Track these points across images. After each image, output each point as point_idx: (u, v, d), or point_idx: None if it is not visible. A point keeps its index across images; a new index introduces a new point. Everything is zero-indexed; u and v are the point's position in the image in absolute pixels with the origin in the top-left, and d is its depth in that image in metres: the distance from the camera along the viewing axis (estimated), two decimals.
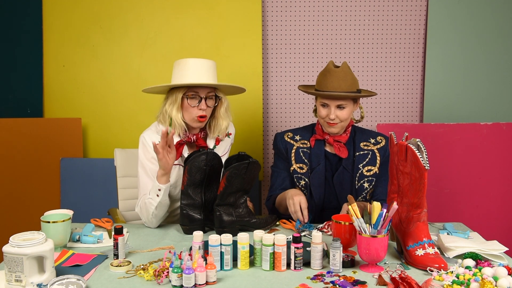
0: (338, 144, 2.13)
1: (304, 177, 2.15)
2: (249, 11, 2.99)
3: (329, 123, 2.07)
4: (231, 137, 2.27)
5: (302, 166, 2.16)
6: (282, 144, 2.22)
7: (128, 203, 2.43)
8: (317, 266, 1.58)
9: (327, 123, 2.08)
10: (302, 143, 2.19)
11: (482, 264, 1.57)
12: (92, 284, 1.47)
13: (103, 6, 3.00)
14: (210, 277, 1.46)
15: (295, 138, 2.21)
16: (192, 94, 2.04)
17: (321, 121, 2.12)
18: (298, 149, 2.18)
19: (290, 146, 2.20)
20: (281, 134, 2.25)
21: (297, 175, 2.16)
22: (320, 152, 2.16)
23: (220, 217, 1.86)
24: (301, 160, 2.17)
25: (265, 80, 3.10)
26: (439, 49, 3.05)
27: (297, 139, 2.21)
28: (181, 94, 2.04)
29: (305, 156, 2.17)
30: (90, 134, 3.05)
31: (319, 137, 2.17)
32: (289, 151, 2.19)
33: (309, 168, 2.15)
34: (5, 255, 1.41)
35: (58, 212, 1.81)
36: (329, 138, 2.14)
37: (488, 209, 2.98)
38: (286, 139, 2.22)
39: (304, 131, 2.24)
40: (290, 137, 2.22)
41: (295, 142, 2.20)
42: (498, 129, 2.97)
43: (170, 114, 2.05)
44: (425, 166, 1.55)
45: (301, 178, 2.16)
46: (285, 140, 2.22)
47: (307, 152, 2.18)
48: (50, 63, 3.02)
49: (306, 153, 2.18)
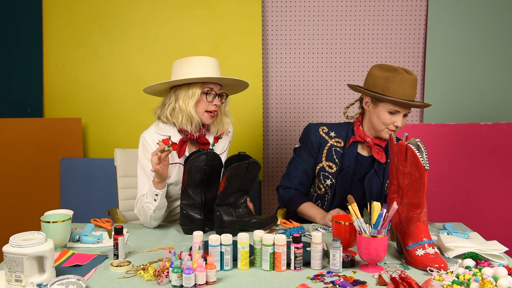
0: (377, 148, 2.08)
1: (331, 177, 2.11)
2: (249, 11, 3.00)
3: (393, 130, 2.01)
4: (230, 135, 2.27)
5: (331, 165, 2.11)
6: (316, 137, 2.14)
7: (128, 203, 2.43)
8: (317, 266, 1.57)
9: (390, 130, 2.01)
10: (336, 141, 2.13)
11: (482, 264, 1.57)
12: (92, 284, 1.47)
13: (103, 6, 3.00)
14: (210, 277, 1.46)
15: (330, 134, 2.14)
16: (208, 90, 2.05)
17: (381, 127, 2.02)
18: (331, 147, 2.12)
19: (324, 142, 2.13)
20: (315, 126, 2.17)
21: (325, 173, 2.12)
22: (352, 153, 2.11)
23: (220, 217, 1.86)
24: (332, 159, 2.12)
25: (265, 80, 3.10)
26: (439, 49, 3.05)
27: (332, 136, 2.14)
28: (199, 89, 2.04)
29: (337, 156, 2.11)
30: (90, 134, 3.05)
31: (359, 139, 2.09)
32: (322, 147, 2.13)
33: (338, 168, 2.11)
34: (5, 255, 1.41)
35: (58, 212, 1.81)
36: (371, 140, 2.08)
37: (488, 209, 2.98)
38: (321, 133, 2.14)
39: (339, 129, 2.16)
40: (325, 132, 2.14)
41: (330, 138, 2.13)
42: (498, 129, 2.97)
43: (187, 110, 2.03)
44: (425, 166, 1.55)
45: (328, 177, 2.12)
46: (320, 134, 2.14)
47: (339, 151, 2.11)
48: (50, 63, 3.02)
49: (339, 153, 2.11)
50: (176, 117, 2.06)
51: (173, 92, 2.09)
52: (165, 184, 1.94)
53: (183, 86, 2.06)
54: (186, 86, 2.05)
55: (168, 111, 2.08)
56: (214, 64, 2.09)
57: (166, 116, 2.08)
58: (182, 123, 2.06)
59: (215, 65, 2.09)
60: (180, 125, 2.06)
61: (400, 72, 1.97)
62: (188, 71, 2.04)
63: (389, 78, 1.97)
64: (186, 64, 2.06)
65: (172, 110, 2.08)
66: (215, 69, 2.08)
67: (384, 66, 2.04)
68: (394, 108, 1.98)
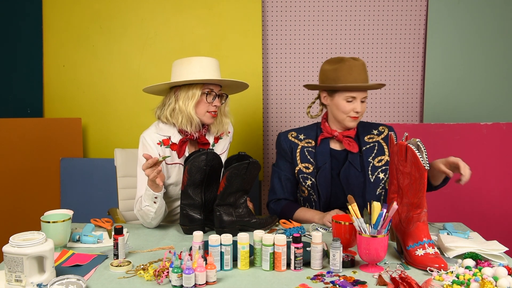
0: (347, 140, 2.11)
1: (310, 177, 2.13)
2: (249, 11, 3.00)
3: (354, 117, 2.06)
4: (230, 135, 2.27)
5: (307, 165, 2.14)
6: (286, 143, 2.20)
7: (128, 203, 2.43)
8: (317, 266, 1.57)
9: (351, 118, 2.07)
10: (307, 142, 2.17)
11: (482, 264, 1.57)
12: (92, 284, 1.47)
13: (103, 6, 3.00)
14: (210, 277, 1.46)
15: (299, 138, 2.19)
16: (208, 91, 2.05)
17: (342, 116, 2.08)
18: (303, 149, 2.17)
19: (294, 146, 2.18)
20: (284, 133, 2.23)
21: (303, 175, 2.15)
22: (325, 150, 2.14)
23: (220, 217, 1.86)
24: (306, 160, 2.15)
25: (265, 80, 3.10)
26: (439, 49, 3.05)
27: (302, 138, 2.19)
28: (200, 90, 2.04)
29: (311, 156, 2.15)
30: (90, 134, 3.05)
31: (328, 135, 2.14)
32: (294, 151, 2.17)
33: (315, 168, 2.14)
34: (5, 255, 1.41)
35: (58, 212, 1.81)
36: (338, 134, 2.12)
37: (488, 209, 2.98)
38: (290, 138, 2.20)
39: (307, 130, 2.22)
40: (294, 137, 2.20)
41: (300, 141, 2.18)
42: (498, 129, 2.97)
43: (187, 111, 2.03)
44: (425, 166, 1.55)
45: (307, 178, 2.14)
46: (289, 140, 2.20)
47: (312, 151, 2.16)
48: (50, 63, 3.02)
49: (312, 153, 2.16)
50: (176, 118, 2.06)
51: (173, 92, 2.09)
52: (162, 187, 1.93)
53: (183, 87, 2.06)
54: (186, 87, 2.05)
55: (168, 112, 2.08)
56: (214, 65, 2.08)
57: (166, 116, 2.08)
58: (182, 123, 2.06)
59: (215, 66, 2.09)
60: (180, 125, 2.06)
61: (346, 60, 2.05)
62: (188, 72, 2.04)
63: (337, 68, 2.05)
64: (186, 65, 2.06)
65: (172, 111, 2.07)
66: (215, 70, 2.08)
67: (331, 60, 2.12)
68: (349, 94, 2.04)
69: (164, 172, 2.07)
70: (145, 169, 1.82)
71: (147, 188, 1.90)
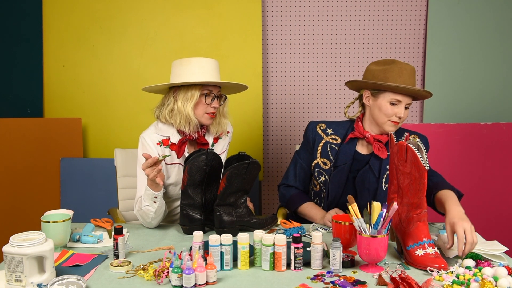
0: (378, 144, 2.04)
1: (325, 174, 2.11)
2: (249, 11, 3.00)
3: (395, 122, 1.98)
4: (229, 135, 2.27)
5: (326, 161, 2.10)
6: (312, 133, 2.15)
7: (128, 203, 2.43)
8: (317, 266, 1.57)
9: (392, 122, 1.99)
10: (332, 138, 2.12)
11: (482, 264, 1.57)
12: (92, 284, 1.47)
13: (103, 6, 3.00)
14: (210, 277, 1.46)
15: (327, 132, 2.14)
16: (207, 92, 2.05)
17: (384, 119, 1.99)
18: (326, 144, 2.12)
19: (318, 138, 2.14)
20: (314, 123, 2.18)
21: (319, 169, 2.12)
22: (350, 151, 2.09)
23: (220, 217, 1.86)
24: (326, 156, 2.11)
25: (265, 80, 3.10)
26: (439, 49, 3.05)
27: (329, 133, 2.13)
28: (198, 91, 2.04)
29: (332, 152, 2.11)
30: (90, 134, 3.06)
31: (359, 135, 2.07)
32: (316, 143, 2.13)
33: (332, 165, 2.10)
34: (5, 255, 1.41)
35: (58, 212, 1.81)
36: (370, 136, 2.05)
37: (488, 209, 2.98)
38: (317, 130, 2.15)
39: (338, 126, 2.15)
40: (322, 129, 2.14)
41: (326, 135, 2.13)
42: (498, 129, 2.97)
43: (185, 112, 2.04)
44: (425, 166, 1.55)
45: (322, 174, 2.11)
46: (316, 131, 2.15)
47: (335, 148, 2.11)
48: (50, 63, 3.02)
49: (334, 150, 2.11)
50: (174, 118, 2.06)
51: (172, 92, 2.09)
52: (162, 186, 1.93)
53: (182, 88, 2.06)
54: (185, 87, 2.05)
55: (166, 112, 2.08)
56: (213, 66, 2.08)
57: (164, 116, 2.08)
58: (180, 124, 2.05)
59: (215, 67, 2.09)
60: (178, 126, 2.06)
61: (398, 62, 1.98)
62: (187, 73, 2.03)
63: (387, 69, 1.97)
64: (185, 65, 2.05)
65: (170, 111, 2.07)
66: (215, 71, 2.08)
67: (381, 61, 2.04)
68: (395, 97, 1.96)
69: (164, 172, 2.07)
70: (145, 169, 1.82)
71: (147, 188, 1.89)
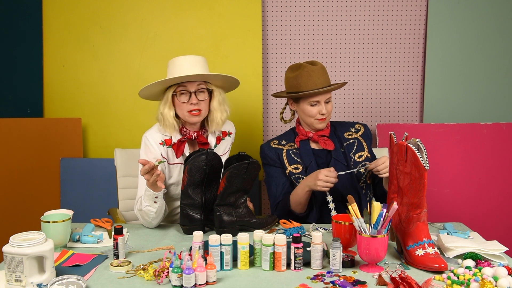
0: (323, 139, 2.20)
1: (301, 176, 2.17)
2: (249, 11, 2.99)
3: (321, 119, 2.15)
4: (232, 136, 2.27)
5: (297, 166, 2.20)
6: (271, 152, 2.24)
7: (128, 203, 2.43)
8: (317, 266, 1.58)
9: (319, 120, 2.16)
10: (290, 145, 2.25)
11: (482, 264, 1.57)
12: (92, 284, 1.47)
13: (103, 6, 3.00)
14: (210, 277, 1.46)
15: (282, 143, 2.26)
16: (181, 90, 2.04)
17: (310, 120, 2.17)
18: (288, 152, 2.23)
19: (280, 151, 2.24)
20: (266, 144, 2.28)
21: (295, 175, 2.19)
22: (307, 151, 2.22)
23: (220, 217, 1.86)
24: (294, 161, 2.21)
25: (265, 80, 3.10)
26: (439, 49, 3.05)
27: (284, 144, 2.26)
28: (171, 92, 2.05)
29: (297, 157, 2.22)
30: (90, 134, 3.05)
31: (303, 137, 2.23)
32: (281, 156, 2.23)
33: (303, 167, 2.19)
34: (5, 255, 1.41)
35: (58, 212, 1.81)
36: (313, 135, 2.21)
37: (488, 209, 2.98)
38: (273, 146, 2.26)
39: (286, 136, 2.30)
40: (277, 144, 2.26)
41: (283, 146, 2.25)
42: (498, 129, 2.97)
43: (163, 113, 2.05)
44: (425, 166, 1.55)
45: (299, 177, 2.17)
46: (273, 147, 2.25)
47: (297, 152, 2.23)
48: (50, 63, 3.02)
49: (297, 154, 2.22)
50: (161, 123, 2.08)
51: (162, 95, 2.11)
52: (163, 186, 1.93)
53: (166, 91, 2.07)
54: (167, 90, 2.06)
55: (157, 117, 2.10)
56: (190, 62, 2.05)
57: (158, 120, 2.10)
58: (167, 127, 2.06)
59: (192, 63, 2.05)
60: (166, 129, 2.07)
61: (304, 66, 2.13)
62: (169, 74, 2.06)
63: (297, 75, 2.13)
64: (170, 67, 2.08)
65: (160, 115, 2.09)
66: (190, 67, 2.04)
67: (292, 66, 2.20)
68: (312, 99, 2.13)
69: (165, 171, 2.07)
70: (143, 175, 1.82)
71: (147, 189, 1.89)
